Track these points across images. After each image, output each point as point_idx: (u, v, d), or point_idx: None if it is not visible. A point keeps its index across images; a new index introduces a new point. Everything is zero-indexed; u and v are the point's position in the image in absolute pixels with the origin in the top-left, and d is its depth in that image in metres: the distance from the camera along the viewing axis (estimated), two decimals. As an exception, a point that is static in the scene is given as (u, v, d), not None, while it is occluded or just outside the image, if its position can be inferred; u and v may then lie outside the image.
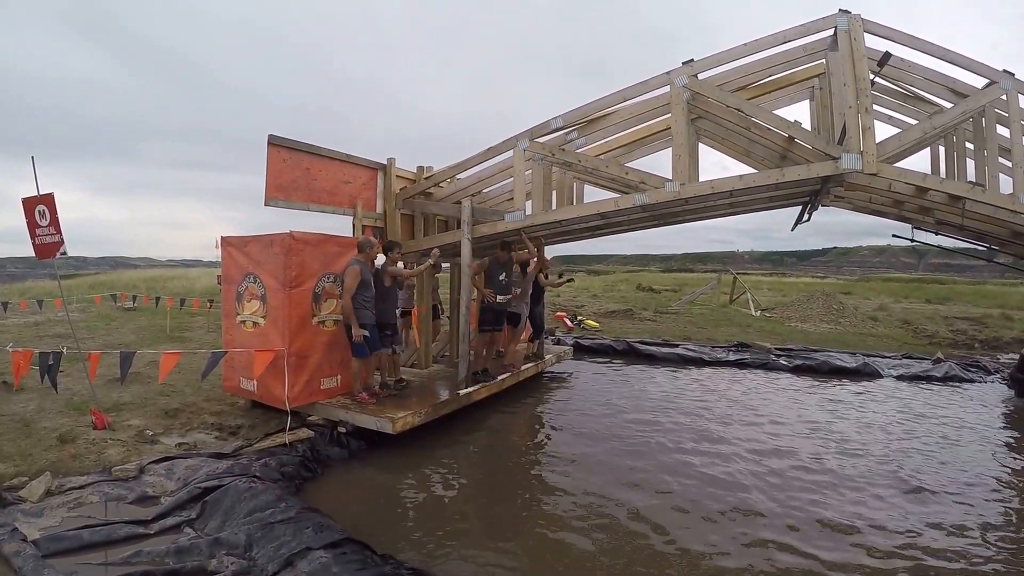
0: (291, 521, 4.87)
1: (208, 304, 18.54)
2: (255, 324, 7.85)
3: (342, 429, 7.51)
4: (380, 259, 8.18)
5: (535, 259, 10.05)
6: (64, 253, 7.36)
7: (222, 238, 8.46)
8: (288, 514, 4.98)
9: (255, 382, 7.70)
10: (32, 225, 7.31)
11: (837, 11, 6.36)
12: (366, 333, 7.64)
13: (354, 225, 9.07)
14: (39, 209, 7.24)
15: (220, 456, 6.48)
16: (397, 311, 8.74)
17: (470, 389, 8.92)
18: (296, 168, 8.07)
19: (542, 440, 8.43)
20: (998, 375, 13.07)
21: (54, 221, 7.22)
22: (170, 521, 5.09)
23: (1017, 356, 12.33)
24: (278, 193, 7.86)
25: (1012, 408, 10.59)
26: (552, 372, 12.86)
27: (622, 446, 7.94)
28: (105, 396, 8.27)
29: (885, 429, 8.81)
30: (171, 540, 4.75)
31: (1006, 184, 6.89)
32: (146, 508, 5.30)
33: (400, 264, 8.50)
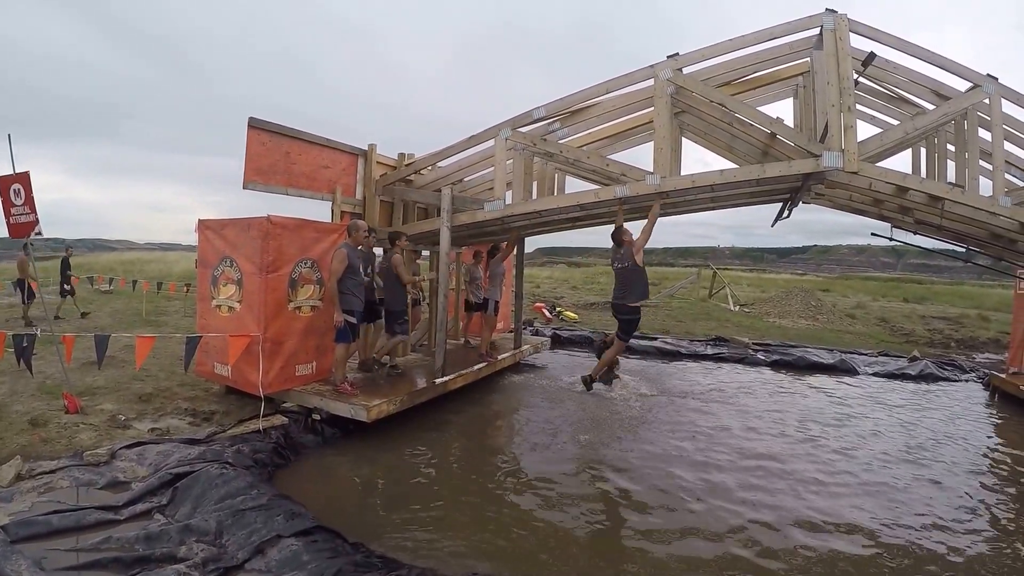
0: (262, 508, 4.83)
1: (185, 288, 18.40)
2: (230, 309, 7.77)
3: (316, 416, 7.47)
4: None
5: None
6: (39, 233, 7.28)
7: (200, 221, 8.35)
8: (259, 501, 4.94)
9: (229, 367, 7.63)
10: (7, 204, 7.23)
11: (823, 10, 6.37)
12: (352, 319, 7.62)
13: (333, 211, 9.01)
14: (14, 188, 7.16)
15: (193, 442, 6.42)
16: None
17: (447, 378, 8.91)
18: (276, 152, 7.99)
19: (517, 429, 8.41)
20: (973, 374, 13.23)
21: (29, 200, 7.13)
22: (140, 507, 5.03)
23: (992, 356, 12.43)
24: (257, 177, 7.78)
25: (984, 406, 10.81)
26: (530, 362, 12.88)
27: (596, 434, 8.01)
28: (78, 380, 8.19)
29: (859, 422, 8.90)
30: (141, 526, 4.69)
31: (986, 187, 6.94)
32: (117, 494, 5.25)
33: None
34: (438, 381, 8.74)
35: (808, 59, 7.18)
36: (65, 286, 15.96)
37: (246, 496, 5.04)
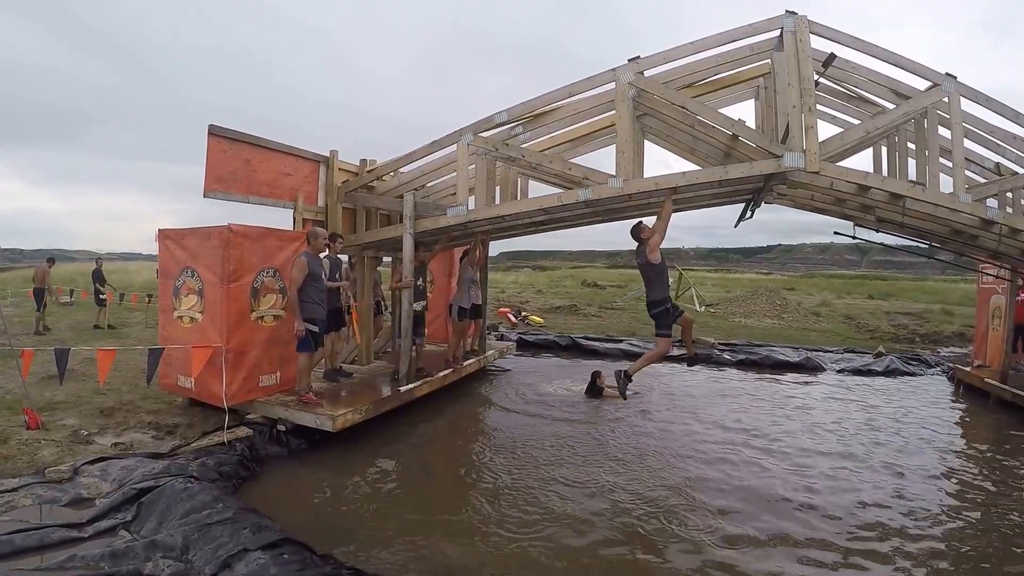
0: (228, 522, 4.77)
1: (147, 299, 18.16)
2: (192, 320, 7.67)
3: (281, 427, 7.41)
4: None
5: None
6: (-4, 244, 7.15)
7: (160, 231, 8.22)
8: (225, 515, 4.88)
9: (192, 379, 7.53)
10: (-38, 216, 7.08)
11: (784, 12, 6.41)
12: (314, 328, 7.51)
13: (295, 219, 8.93)
14: (-31, 199, 7.01)
15: (157, 456, 6.33)
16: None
17: (412, 385, 8.88)
18: (236, 159, 7.90)
19: (484, 437, 8.42)
20: (938, 368, 13.46)
21: (-15, 211, 6.99)
22: (105, 524, 4.97)
23: (957, 350, 12.62)
24: (217, 185, 7.69)
25: (950, 400, 11.09)
26: (496, 367, 12.93)
27: (564, 439, 8.09)
28: (38, 395, 8.03)
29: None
30: (106, 543, 4.63)
31: (947, 184, 7.03)
32: (81, 511, 5.18)
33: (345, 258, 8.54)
34: (403, 389, 8.69)
35: (769, 61, 7.22)
36: (100, 296, 16.44)
37: (212, 510, 4.97)
